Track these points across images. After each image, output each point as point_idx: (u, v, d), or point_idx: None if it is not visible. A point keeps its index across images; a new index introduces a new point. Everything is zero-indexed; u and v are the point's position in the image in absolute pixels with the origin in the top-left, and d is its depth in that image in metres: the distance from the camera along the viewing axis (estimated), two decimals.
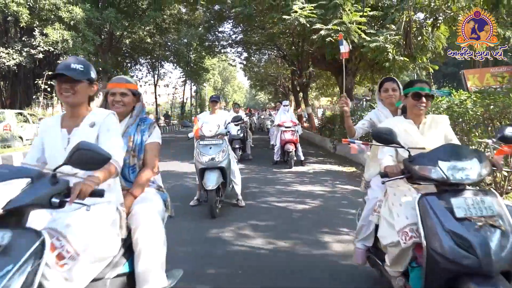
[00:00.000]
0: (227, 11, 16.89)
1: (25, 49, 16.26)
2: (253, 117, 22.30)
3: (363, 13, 10.16)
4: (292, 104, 24.50)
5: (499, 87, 6.12)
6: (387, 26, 10.12)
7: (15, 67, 17.08)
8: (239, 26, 19.53)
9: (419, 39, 8.70)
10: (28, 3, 15.06)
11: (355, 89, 17.86)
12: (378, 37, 9.81)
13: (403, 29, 7.60)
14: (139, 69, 30.74)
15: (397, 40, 9.21)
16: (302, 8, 9.81)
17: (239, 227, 4.52)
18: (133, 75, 30.17)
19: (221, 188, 5.05)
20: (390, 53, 9.87)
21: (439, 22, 8.35)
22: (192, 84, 34.96)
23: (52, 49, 15.70)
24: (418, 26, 8.63)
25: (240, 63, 28.47)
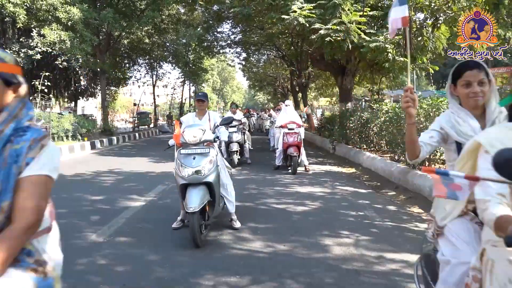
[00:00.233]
0: (225, 11, 16.84)
1: (23, 50, 16.14)
2: (252, 117, 22.20)
3: (363, 13, 10.11)
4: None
5: (503, 87, 6.08)
6: (387, 26, 10.05)
7: None
8: (238, 26, 19.49)
9: (419, 39, 8.67)
10: (25, 4, 14.95)
11: (354, 89, 17.79)
12: (378, 37, 9.77)
13: (403, 29, 7.55)
14: (137, 70, 30.64)
15: (397, 40, 9.18)
16: (301, 8, 9.76)
17: (238, 229, 4.45)
18: (131, 75, 30.11)
19: (208, 208, 4.10)
20: (390, 54, 9.83)
21: (439, 22, 8.32)
22: (191, 84, 34.88)
23: (50, 50, 15.59)
24: (419, 27, 8.59)
25: (239, 63, 28.51)
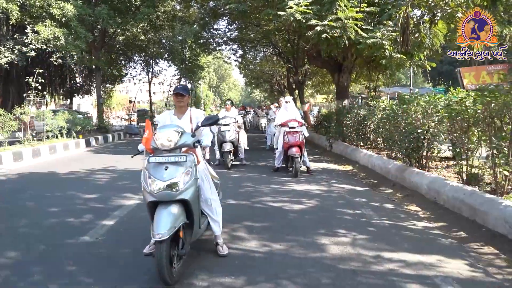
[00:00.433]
0: (221, 8, 16.70)
1: (17, 47, 15.94)
2: (248, 115, 22.05)
3: (360, 9, 10.02)
4: None
5: (500, 85, 6.04)
6: (384, 23, 9.98)
7: (7, 65, 16.75)
8: (234, 23, 19.34)
9: (416, 35, 8.59)
10: (18, 0, 14.75)
11: (351, 86, 17.72)
12: (375, 34, 9.68)
13: (400, 26, 7.48)
14: (133, 67, 30.39)
15: (394, 36, 9.10)
16: (297, 4, 9.65)
17: (233, 228, 4.37)
18: (127, 72, 29.90)
19: (182, 233, 3.13)
20: (387, 50, 9.75)
21: (436, 18, 8.24)
22: (187, 81, 34.69)
23: (44, 47, 15.40)
24: (416, 23, 8.52)
25: (236, 60, 28.41)
